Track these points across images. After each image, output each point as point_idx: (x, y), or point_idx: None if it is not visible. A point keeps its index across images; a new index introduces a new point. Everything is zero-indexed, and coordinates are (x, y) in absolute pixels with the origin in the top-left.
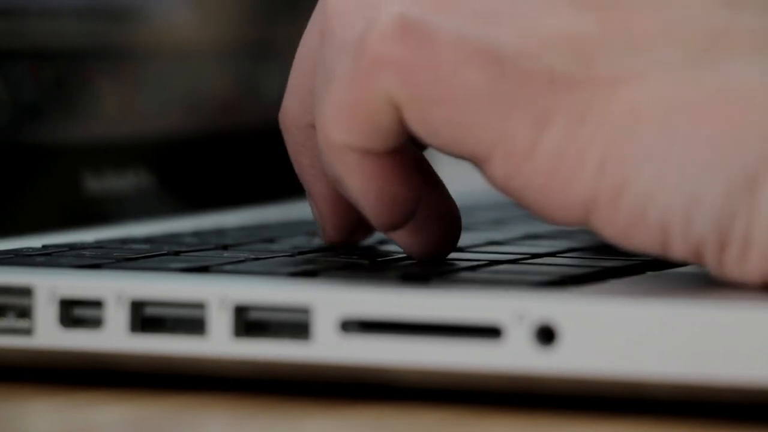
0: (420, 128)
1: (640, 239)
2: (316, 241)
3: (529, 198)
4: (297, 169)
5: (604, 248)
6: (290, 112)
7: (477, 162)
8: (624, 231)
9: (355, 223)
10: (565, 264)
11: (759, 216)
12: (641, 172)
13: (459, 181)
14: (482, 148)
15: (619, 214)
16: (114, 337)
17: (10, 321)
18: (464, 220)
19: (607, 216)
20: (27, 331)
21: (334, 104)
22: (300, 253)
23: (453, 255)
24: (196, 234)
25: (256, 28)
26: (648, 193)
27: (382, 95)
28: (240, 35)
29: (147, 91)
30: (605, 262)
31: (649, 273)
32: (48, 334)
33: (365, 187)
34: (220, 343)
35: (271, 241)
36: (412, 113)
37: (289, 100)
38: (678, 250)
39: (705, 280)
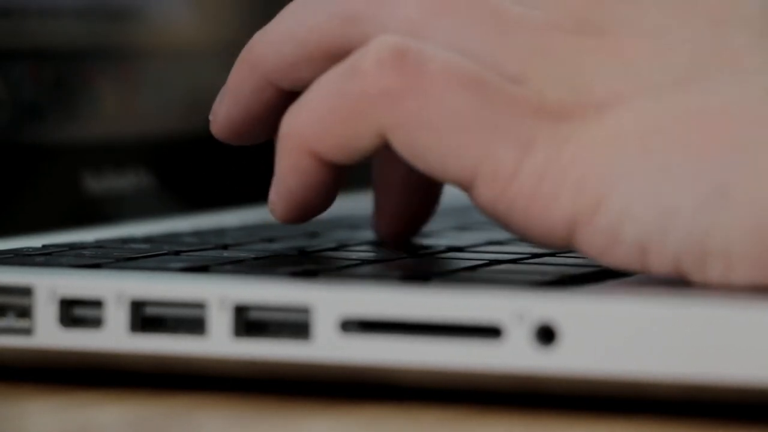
0: (406, 152)
1: (620, 257)
2: (317, 241)
3: (514, 221)
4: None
5: None
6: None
7: (464, 187)
8: (603, 249)
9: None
10: (565, 264)
11: (735, 223)
12: (616, 189)
13: None
14: (467, 172)
15: (597, 233)
16: (114, 336)
17: (10, 321)
18: (464, 220)
19: (586, 235)
20: (27, 331)
21: (317, 111)
22: (300, 253)
23: (453, 254)
24: (196, 234)
25: (256, 28)
26: (623, 210)
27: (369, 123)
28: (240, 35)
29: (147, 91)
30: None
31: None
32: (48, 334)
33: (296, 187)
34: (220, 343)
35: (271, 241)
36: (399, 138)
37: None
38: (657, 266)
39: None
